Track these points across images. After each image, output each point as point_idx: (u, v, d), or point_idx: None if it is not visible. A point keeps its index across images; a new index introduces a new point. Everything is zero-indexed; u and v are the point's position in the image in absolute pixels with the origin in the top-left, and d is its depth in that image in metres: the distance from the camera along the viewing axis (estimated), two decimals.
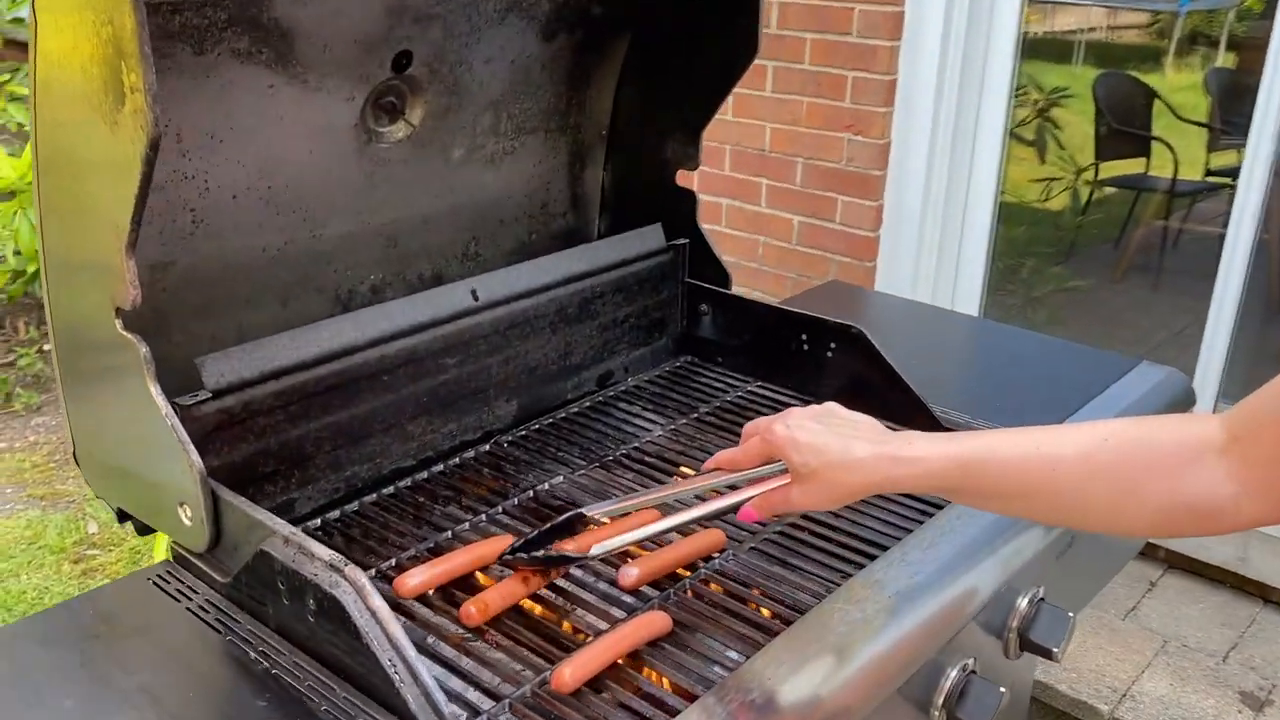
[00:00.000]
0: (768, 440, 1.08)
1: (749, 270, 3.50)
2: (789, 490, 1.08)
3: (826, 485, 1.05)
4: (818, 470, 1.04)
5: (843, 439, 1.04)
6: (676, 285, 1.77)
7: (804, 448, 1.05)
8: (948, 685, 1.26)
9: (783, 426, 1.07)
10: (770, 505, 1.11)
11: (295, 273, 1.44)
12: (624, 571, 1.20)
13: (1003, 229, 3.36)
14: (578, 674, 1.04)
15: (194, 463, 1.11)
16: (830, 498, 1.06)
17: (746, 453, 1.12)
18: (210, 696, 1.01)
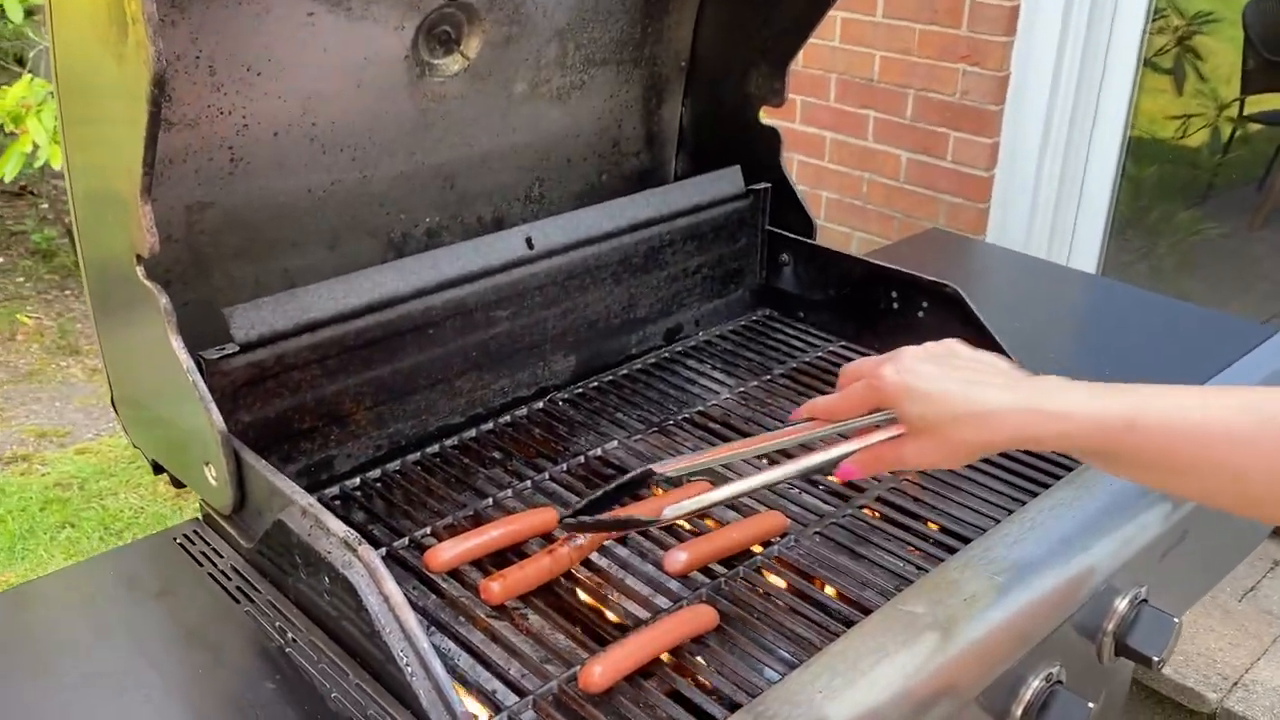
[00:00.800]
0: (875, 387, 0.93)
1: (852, 209, 3.31)
2: (901, 445, 0.93)
3: (947, 442, 0.89)
4: (937, 424, 0.89)
5: (968, 386, 0.88)
6: (756, 233, 1.63)
7: (921, 397, 0.89)
8: (1029, 695, 1.13)
9: (893, 370, 0.92)
10: (877, 462, 0.96)
11: (344, 215, 1.36)
12: (671, 556, 1.10)
13: (1131, 168, 3.09)
14: (609, 673, 0.95)
15: (214, 421, 1.05)
16: (952, 455, 0.91)
17: (848, 400, 0.96)
18: (219, 674, 0.96)
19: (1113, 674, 1.36)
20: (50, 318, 4.08)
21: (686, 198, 1.52)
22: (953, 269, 1.47)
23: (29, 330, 3.98)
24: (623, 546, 1.15)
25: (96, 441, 3.36)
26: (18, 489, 3.05)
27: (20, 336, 3.94)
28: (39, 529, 2.90)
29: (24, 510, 2.96)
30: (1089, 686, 1.21)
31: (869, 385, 0.94)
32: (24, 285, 4.31)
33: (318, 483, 1.25)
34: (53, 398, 3.58)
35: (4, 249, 4.58)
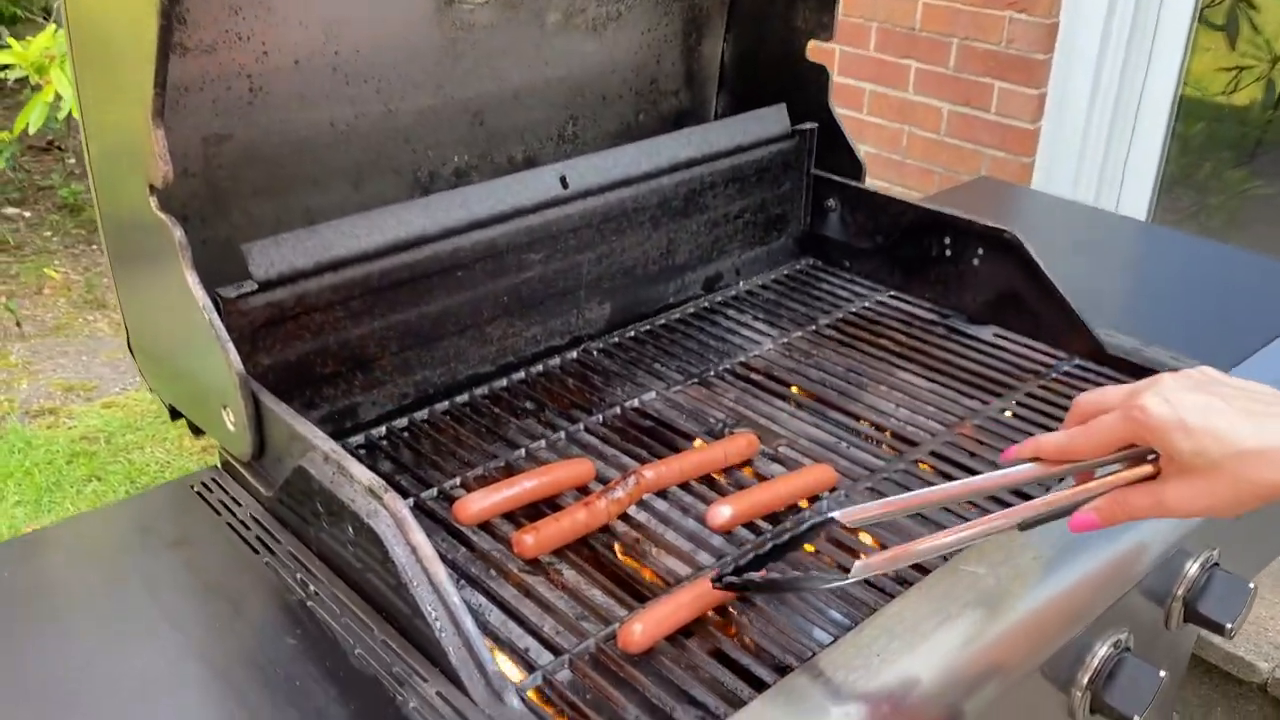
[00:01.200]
0: (1136, 420, 0.80)
1: (891, 163, 3.21)
2: (1162, 488, 0.81)
3: (1229, 483, 0.77)
4: (1219, 462, 0.77)
5: (1255, 419, 0.77)
6: (801, 176, 1.55)
7: (1198, 431, 0.77)
8: (1095, 663, 1.06)
9: (1159, 400, 0.79)
10: (1129, 509, 0.83)
11: (369, 151, 1.29)
12: (714, 510, 1.03)
13: (1179, 125, 2.97)
14: (650, 632, 0.89)
15: (232, 363, 0.99)
16: (1233, 499, 0.78)
17: (1095, 435, 0.83)
18: (237, 628, 0.90)
19: (1179, 642, 1.29)
20: (77, 272, 4.05)
21: (729, 137, 1.44)
22: (1004, 216, 1.38)
23: (56, 285, 3.96)
24: (662, 500, 1.09)
25: (123, 396, 3.33)
26: (45, 442, 3.03)
27: (47, 291, 3.92)
28: (65, 482, 2.87)
29: (50, 463, 2.94)
30: (1157, 654, 1.14)
31: (1126, 418, 0.81)
32: (51, 240, 4.28)
33: (342, 431, 1.19)
34: (79, 352, 3.56)
35: (31, 204, 4.55)
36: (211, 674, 0.86)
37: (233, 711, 0.82)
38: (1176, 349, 1.33)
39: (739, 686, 0.86)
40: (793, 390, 1.30)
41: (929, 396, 1.27)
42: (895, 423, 1.22)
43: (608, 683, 0.87)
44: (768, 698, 0.83)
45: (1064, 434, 0.86)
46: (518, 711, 0.81)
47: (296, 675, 0.85)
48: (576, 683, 0.88)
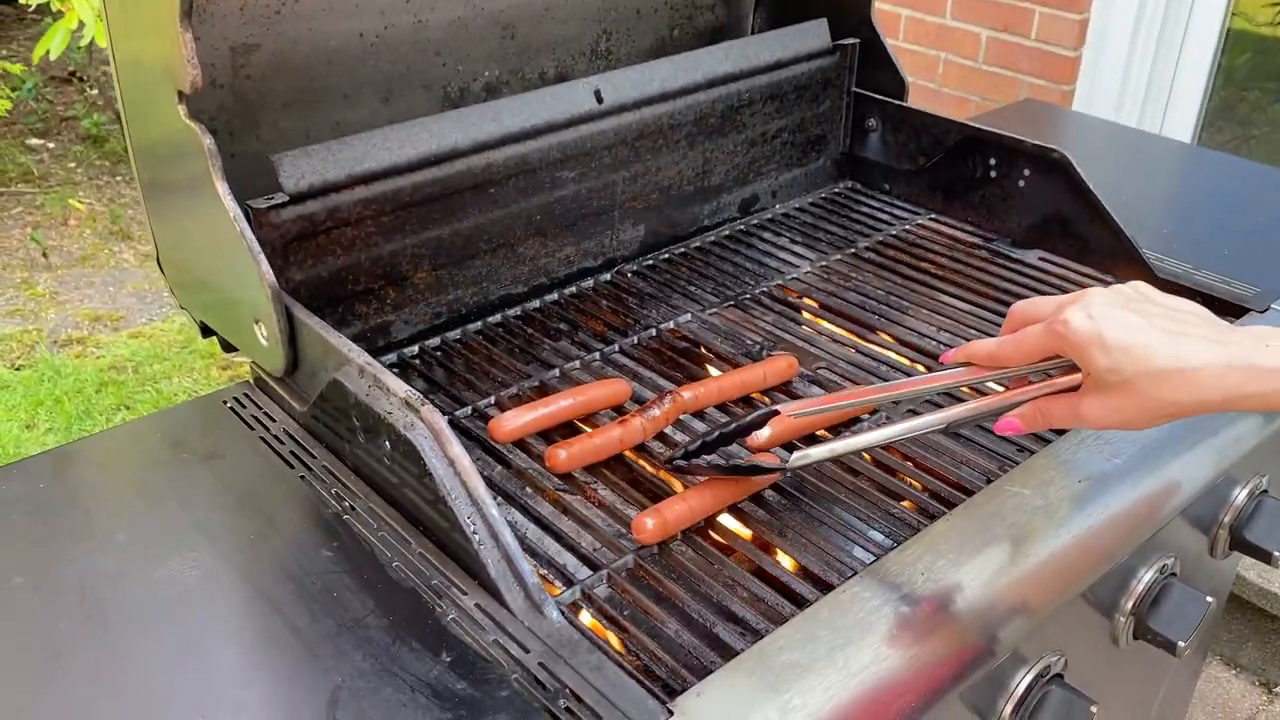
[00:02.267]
0: (1058, 333, 0.81)
1: (926, 91, 3.13)
2: (1080, 402, 0.82)
3: (1142, 400, 0.78)
4: (1132, 380, 0.78)
5: (1172, 338, 0.77)
6: (841, 94, 1.50)
7: (1115, 348, 0.78)
8: (1140, 588, 1.05)
9: (1083, 314, 0.80)
10: (1048, 417, 0.85)
11: (398, 64, 1.25)
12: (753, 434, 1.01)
13: (1224, 57, 2.88)
14: (662, 525, 0.88)
15: (264, 274, 0.97)
16: (1144, 415, 0.80)
17: (1020, 345, 0.85)
18: (271, 540, 0.89)
19: (1224, 571, 1.27)
20: (102, 203, 4.04)
21: (768, 52, 1.39)
22: (1048, 139, 1.33)
23: (81, 216, 3.95)
24: (700, 421, 1.07)
25: (150, 326, 3.34)
26: (74, 371, 3.04)
27: (73, 222, 3.92)
28: (95, 411, 2.89)
29: (80, 392, 2.95)
30: (1200, 582, 1.12)
31: (1050, 330, 0.82)
32: (75, 171, 4.27)
33: (375, 350, 1.18)
34: (106, 282, 3.56)
35: (55, 135, 4.53)
36: (246, 585, 0.85)
37: (269, 621, 0.82)
38: (1226, 273, 1.29)
39: (780, 603, 0.85)
40: (826, 311, 1.27)
41: (972, 320, 1.24)
42: (936, 345, 1.20)
43: (646, 597, 0.86)
44: (810, 614, 0.82)
45: (995, 341, 0.87)
46: (558, 624, 0.81)
47: (333, 586, 0.84)
48: (615, 598, 0.87)
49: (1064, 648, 0.96)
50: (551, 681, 0.76)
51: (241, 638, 0.81)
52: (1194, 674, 1.56)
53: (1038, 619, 0.90)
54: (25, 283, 3.52)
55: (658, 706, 0.74)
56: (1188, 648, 1.02)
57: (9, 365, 3.09)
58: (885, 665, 0.79)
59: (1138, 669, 1.24)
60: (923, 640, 0.82)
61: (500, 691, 0.75)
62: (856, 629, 0.81)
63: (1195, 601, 1.03)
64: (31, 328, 3.30)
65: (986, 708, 0.93)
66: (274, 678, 0.77)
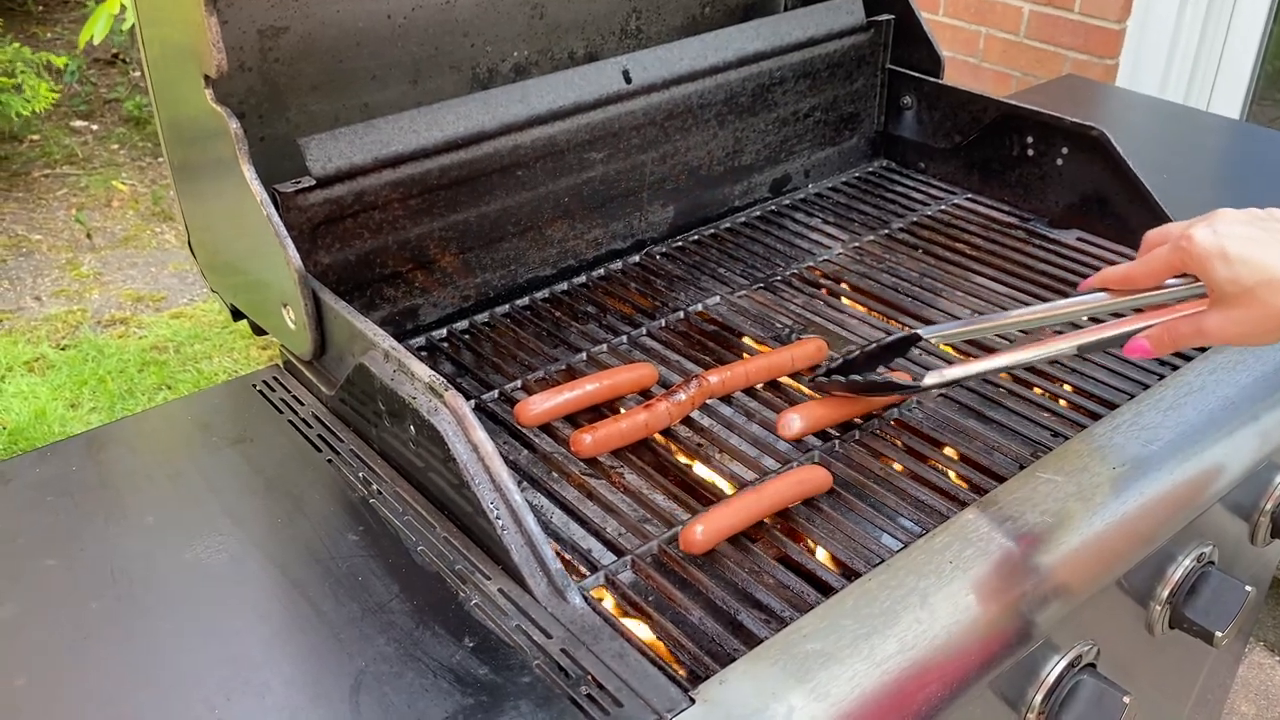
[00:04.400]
0: (1183, 248, 0.83)
1: (966, 67, 3.08)
2: (1204, 317, 0.84)
3: (1262, 310, 0.80)
4: (1254, 289, 0.80)
5: None
6: (875, 72, 1.48)
7: (1236, 259, 0.80)
8: (1178, 575, 1.03)
9: (1208, 231, 0.82)
10: (1175, 337, 0.87)
11: (426, 46, 1.25)
12: (785, 419, 0.99)
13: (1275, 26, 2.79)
14: (711, 534, 0.87)
15: (291, 258, 0.97)
16: (1264, 327, 0.81)
17: (1148, 265, 0.88)
18: (298, 524, 0.90)
19: (1266, 559, 1.24)
20: (144, 184, 4.09)
21: (800, 29, 1.37)
22: (1089, 116, 1.30)
23: (124, 197, 4.00)
24: (726, 405, 1.06)
25: (191, 307, 3.38)
26: (116, 351, 3.09)
27: (116, 203, 3.97)
28: (137, 390, 2.94)
29: (122, 372, 3.00)
30: (1240, 570, 1.10)
31: (1176, 247, 0.85)
32: (118, 153, 4.32)
33: (403, 333, 1.18)
34: (148, 263, 3.61)
35: (98, 117, 4.59)
36: (273, 568, 0.86)
37: (295, 605, 0.82)
38: None
39: (805, 590, 0.84)
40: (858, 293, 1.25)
41: (1007, 303, 1.22)
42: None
43: (671, 584, 0.85)
44: (835, 602, 0.81)
45: (1126, 265, 0.90)
46: (580, 610, 0.80)
47: (359, 570, 0.85)
48: (639, 583, 0.86)
49: (1096, 636, 0.95)
50: (573, 668, 0.76)
51: (268, 621, 0.82)
52: (1235, 661, 1.53)
53: (1070, 607, 0.89)
54: (70, 264, 3.58)
55: (680, 694, 0.74)
56: (1226, 637, 1.00)
57: (55, 345, 3.15)
58: (911, 654, 0.78)
59: (1174, 658, 1.22)
60: (950, 630, 0.81)
61: (522, 677, 0.75)
62: (882, 618, 0.80)
63: (1234, 590, 1.01)
64: (76, 308, 3.35)
65: (1016, 697, 0.92)
66: (298, 661, 0.78)
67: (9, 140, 4.30)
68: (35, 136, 4.36)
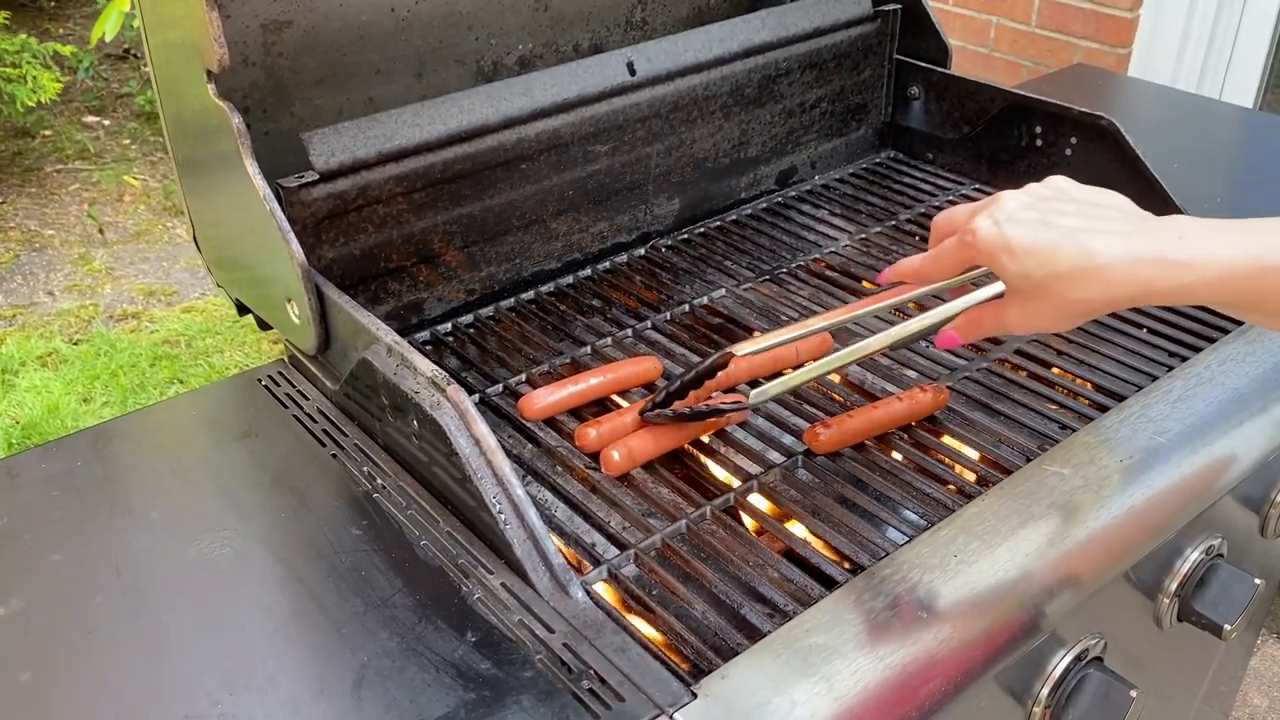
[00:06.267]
0: (967, 243, 0.79)
1: (977, 56, 3.06)
2: (1003, 309, 0.81)
3: (1055, 303, 0.77)
4: (1043, 283, 0.76)
5: (1077, 235, 0.75)
6: (882, 62, 1.47)
7: (1020, 252, 0.76)
8: (1186, 569, 1.02)
9: (989, 222, 0.78)
10: (977, 327, 0.85)
11: (430, 39, 1.25)
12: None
13: None
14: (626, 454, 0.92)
15: (294, 252, 0.97)
16: (1060, 318, 0.78)
17: (939, 260, 0.84)
18: (302, 519, 0.90)
19: (1274, 551, 1.23)
20: (156, 179, 4.10)
21: (807, 19, 1.36)
22: (1100, 104, 1.29)
23: (136, 192, 4.02)
24: None
25: (202, 301, 3.39)
26: (128, 345, 3.10)
27: (127, 198, 3.98)
28: (149, 384, 2.95)
29: (134, 366, 3.01)
30: (1250, 563, 1.09)
31: (961, 241, 0.80)
32: (130, 147, 4.34)
33: (408, 327, 1.18)
34: (159, 258, 3.62)
35: (110, 112, 4.61)
36: (277, 563, 0.86)
37: (299, 599, 0.82)
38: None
39: (809, 584, 0.84)
40: (864, 285, 1.25)
41: None
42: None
43: (674, 578, 0.85)
44: (839, 595, 0.81)
45: (919, 257, 0.87)
46: (583, 604, 0.80)
47: (362, 565, 0.85)
48: (643, 578, 0.86)
49: (1103, 630, 0.94)
50: (575, 662, 0.76)
51: (271, 615, 0.82)
52: (1246, 653, 1.52)
53: (1076, 600, 0.88)
54: (82, 259, 3.60)
55: (682, 688, 0.74)
56: (1234, 630, 1.00)
57: (67, 340, 3.16)
58: (916, 648, 0.78)
59: (1183, 651, 1.22)
60: (955, 623, 0.80)
61: (524, 672, 0.75)
62: (887, 611, 0.79)
63: (1243, 583, 1.00)
64: (88, 303, 3.37)
65: (1022, 691, 0.91)
66: (302, 655, 0.78)
67: (21, 136, 4.32)
68: (47, 132, 4.38)
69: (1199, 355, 1.06)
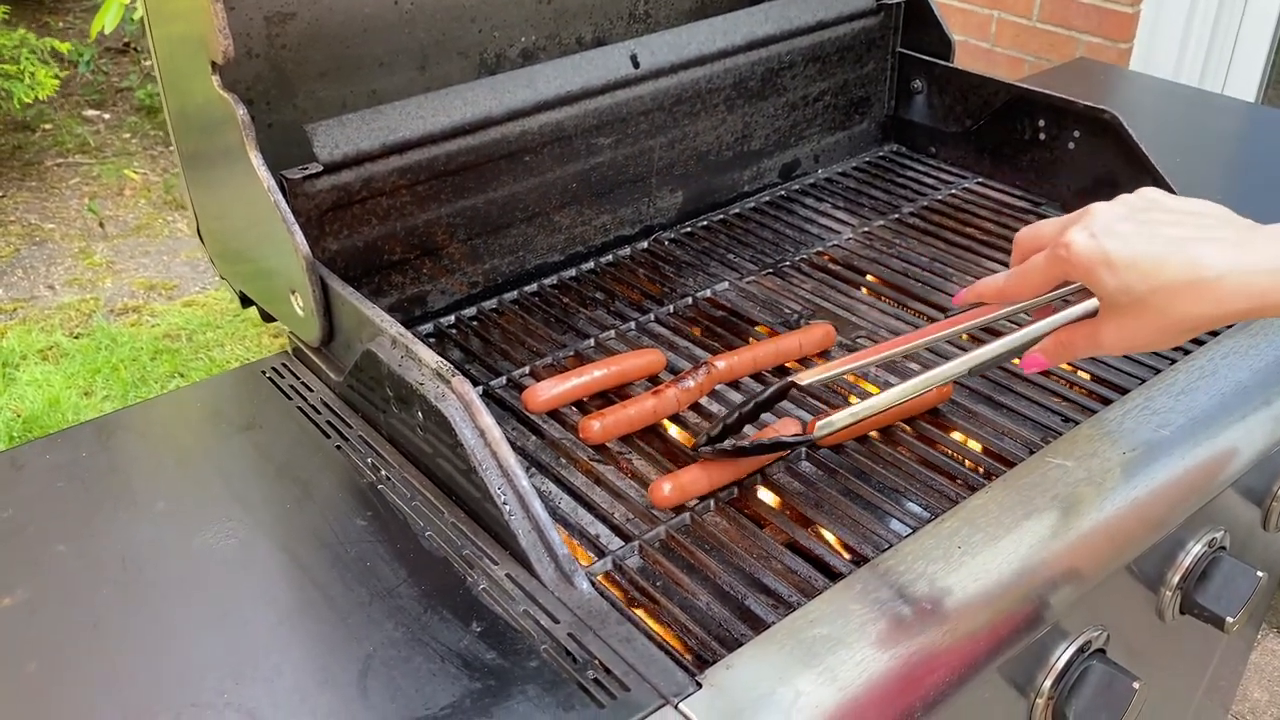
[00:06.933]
0: (1061, 258, 0.75)
1: (978, 51, 3.06)
2: (1098, 327, 0.76)
3: (1158, 319, 0.72)
4: (1145, 298, 0.71)
5: (1182, 247, 0.70)
6: (885, 55, 1.47)
7: (1121, 266, 0.71)
8: (1188, 561, 1.02)
9: (1084, 234, 0.73)
10: (1068, 349, 0.80)
11: (433, 32, 1.25)
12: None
13: None
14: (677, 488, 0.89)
15: (299, 244, 0.97)
16: (1164, 335, 0.73)
17: (1026, 278, 0.79)
18: (307, 510, 0.90)
19: (1276, 544, 1.24)
20: (156, 173, 4.10)
21: (810, 12, 1.36)
22: (1103, 99, 1.29)
23: (136, 186, 4.02)
24: (735, 392, 1.06)
25: (203, 295, 3.39)
26: (129, 339, 3.10)
27: (128, 192, 3.98)
28: (150, 378, 2.95)
29: (135, 360, 3.02)
30: (1253, 557, 1.09)
31: (1054, 256, 0.76)
32: (130, 141, 4.33)
33: (411, 320, 1.18)
34: (160, 251, 3.62)
35: (110, 106, 4.60)
36: (282, 553, 0.86)
37: (304, 590, 0.82)
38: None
39: (813, 575, 0.84)
40: (868, 278, 1.25)
41: None
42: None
43: (678, 569, 0.85)
44: (843, 587, 0.81)
45: (1002, 276, 0.82)
46: (588, 594, 0.80)
47: (367, 556, 0.85)
48: (647, 568, 0.86)
49: (1106, 622, 0.95)
50: (580, 652, 0.76)
51: (277, 606, 0.82)
52: (1247, 647, 1.53)
53: (1079, 592, 0.88)
54: (83, 252, 3.60)
55: (687, 679, 0.74)
56: (1237, 623, 1.00)
57: (68, 333, 3.16)
58: (920, 639, 0.78)
59: (1185, 644, 1.22)
60: (959, 614, 0.80)
61: (529, 662, 0.76)
62: (891, 602, 0.80)
63: (1245, 576, 1.00)
64: (89, 296, 3.37)
65: (1025, 682, 0.91)
66: (307, 646, 0.78)
67: (21, 130, 4.31)
68: (47, 126, 4.37)
69: (1202, 348, 1.07)
